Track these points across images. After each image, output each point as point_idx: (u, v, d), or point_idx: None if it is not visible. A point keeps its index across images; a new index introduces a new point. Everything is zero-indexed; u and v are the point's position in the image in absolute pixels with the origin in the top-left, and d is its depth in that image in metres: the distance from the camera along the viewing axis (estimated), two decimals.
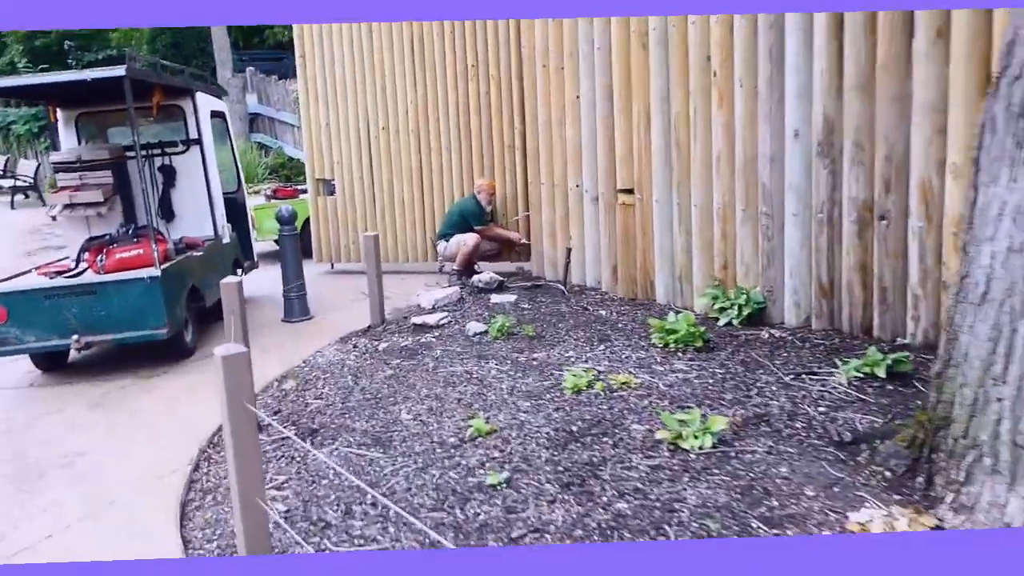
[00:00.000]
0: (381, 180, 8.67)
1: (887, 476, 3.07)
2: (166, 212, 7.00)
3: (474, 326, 5.69)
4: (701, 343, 4.84)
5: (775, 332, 5.03)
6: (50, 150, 14.71)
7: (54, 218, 6.72)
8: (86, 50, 19.01)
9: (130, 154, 6.58)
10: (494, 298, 6.61)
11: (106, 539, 3.33)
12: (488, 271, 7.31)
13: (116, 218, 6.63)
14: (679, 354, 4.74)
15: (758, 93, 5.14)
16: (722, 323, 5.31)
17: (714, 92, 5.44)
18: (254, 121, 17.54)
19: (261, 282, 8.07)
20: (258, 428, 2.74)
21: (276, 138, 16.90)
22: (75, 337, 5.56)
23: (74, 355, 6.11)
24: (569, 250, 6.91)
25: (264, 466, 3.28)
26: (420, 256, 8.67)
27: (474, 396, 4.27)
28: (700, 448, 3.30)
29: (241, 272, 7.63)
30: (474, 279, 7.16)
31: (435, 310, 6.44)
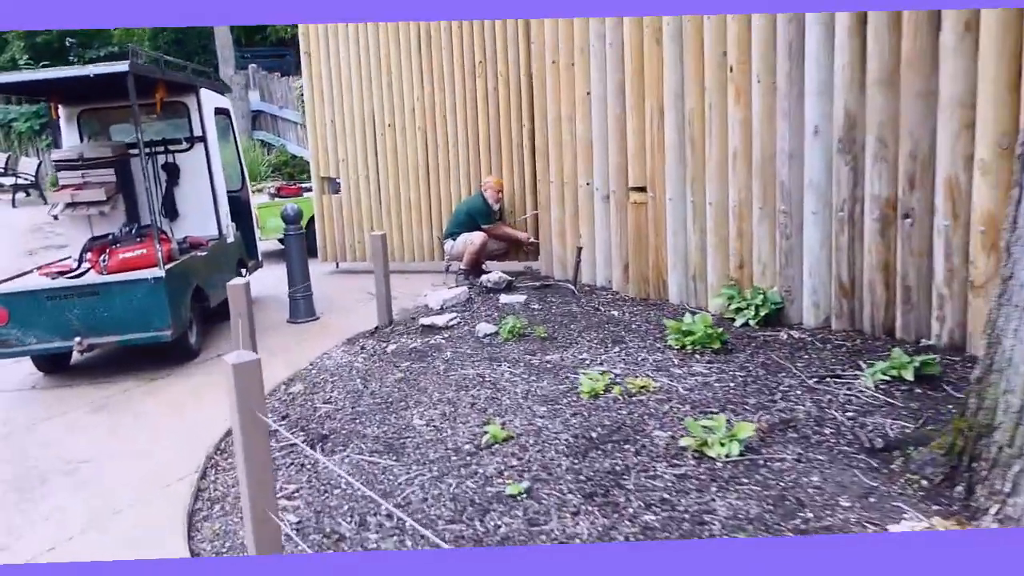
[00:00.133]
0: (387, 178, 8.54)
1: (923, 485, 2.95)
2: (170, 211, 6.86)
3: (484, 327, 5.57)
4: (719, 345, 4.72)
5: (794, 333, 4.91)
6: (51, 148, 14.64)
7: (56, 217, 6.60)
8: (88, 47, 18.90)
9: (133, 152, 6.46)
10: (503, 298, 6.48)
11: (111, 551, 3.21)
12: (496, 271, 7.19)
13: (119, 217, 6.51)
14: (697, 356, 4.62)
15: (776, 89, 5.03)
16: (738, 324, 5.20)
17: (731, 88, 5.33)
18: (256, 118, 17.40)
19: (266, 281, 7.95)
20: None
21: (279, 136, 16.75)
22: (77, 339, 5.45)
23: (76, 357, 5.99)
24: (580, 249, 6.78)
25: (273, 474, 3.15)
26: (426, 255, 8.54)
27: (488, 400, 4.14)
28: (727, 456, 3.18)
29: (245, 272, 7.51)
30: (482, 279, 7.04)
31: (444, 311, 6.31)
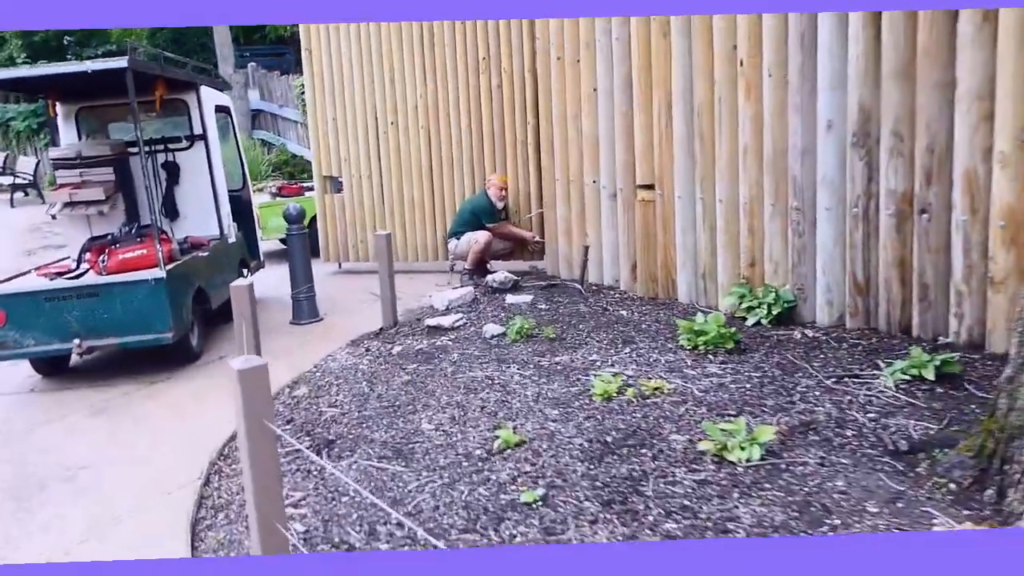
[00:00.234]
0: (390, 177, 8.42)
1: (952, 489, 2.85)
2: (170, 210, 6.75)
3: (491, 328, 5.47)
4: (732, 345, 4.62)
5: (808, 332, 4.81)
6: (50, 146, 14.51)
7: (54, 217, 6.50)
8: (86, 45, 18.78)
9: (132, 150, 6.36)
10: (509, 298, 6.38)
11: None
12: (502, 270, 7.09)
13: (118, 217, 6.40)
14: (710, 357, 4.52)
15: (788, 83, 4.93)
16: (750, 323, 5.10)
17: (741, 82, 5.23)
18: (256, 117, 17.29)
19: (268, 282, 7.84)
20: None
21: (279, 135, 16.64)
22: (77, 341, 5.34)
23: (75, 359, 5.88)
24: (587, 248, 6.68)
25: (280, 482, 3.05)
26: (430, 255, 8.43)
27: (498, 404, 4.04)
28: (748, 461, 3.07)
29: (248, 272, 7.41)
30: (488, 279, 6.94)
31: (449, 311, 6.21)
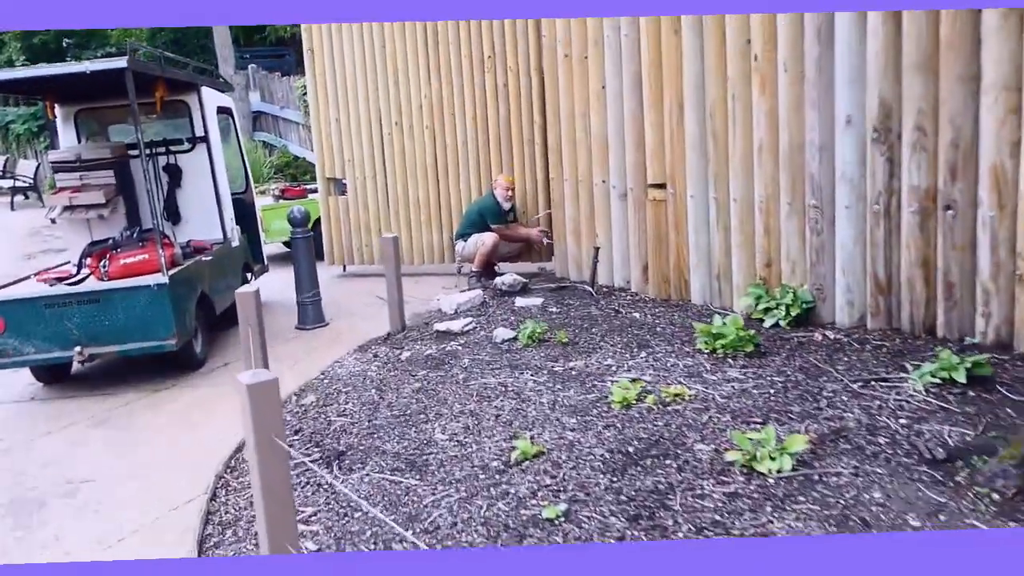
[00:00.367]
0: (395, 178, 8.29)
1: (995, 499, 2.72)
2: (172, 214, 6.63)
3: (502, 332, 5.34)
4: (752, 348, 4.49)
5: (829, 333, 4.68)
6: (49, 149, 14.40)
7: (53, 221, 6.38)
8: (85, 47, 18.67)
9: (133, 153, 6.23)
10: (519, 301, 6.25)
11: None
12: (510, 272, 6.95)
13: (119, 221, 6.28)
14: (730, 361, 4.39)
15: (805, 77, 4.80)
16: (768, 325, 4.97)
17: (755, 78, 5.09)
18: (257, 119, 17.19)
19: (272, 286, 7.71)
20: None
21: (280, 136, 16.54)
22: (77, 349, 5.22)
23: (77, 367, 5.76)
24: (597, 249, 6.55)
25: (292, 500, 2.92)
26: (436, 257, 8.31)
27: (513, 412, 3.91)
28: (779, 471, 2.94)
29: (251, 276, 7.28)
30: (496, 281, 6.81)
31: (458, 315, 6.08)
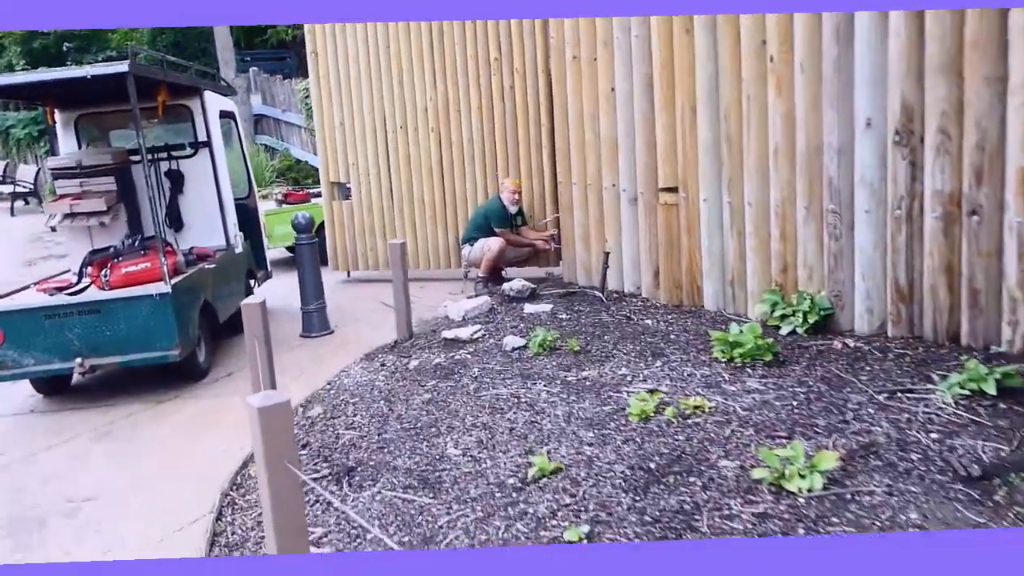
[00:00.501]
0: (400, 182, 8.17)
1: None
2: (174, 221, 6.50)
3: (511, 340, 5.22)
4: (771, 357, 4.37)
5: (849, 341, 4.56)
6: (49, 155, 14.31)
7: (54, 228, 6.27)
8: (86, 51, 18.56)
9: (135, 158, 6.11)
10: (528, 308, 6.13)
11: None
12: (518, 278, 6.82)
13: (120, 228, 6.16)
14: (748, 370, 4.27)
15: (823, 78, 4.68)
16: (785, 332, 4.85)
17: (771, 79, 4.97)
18: (259, 122, 17.10)
19: (276, 292, 7.58)
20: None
21: (282, 140, 16.43)
22: (78, 360, 5.11)
23: (78, 379, 5.64)
24: (607, 254, 6.43)
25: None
26: (442, 262, 8.18)
27: (527, 425, 3.79)
28: (809, 490, 2.82)
29: (255, 283, 7.17)
30: (504, 287, 6.68)
31: (466, 322, 5.96)
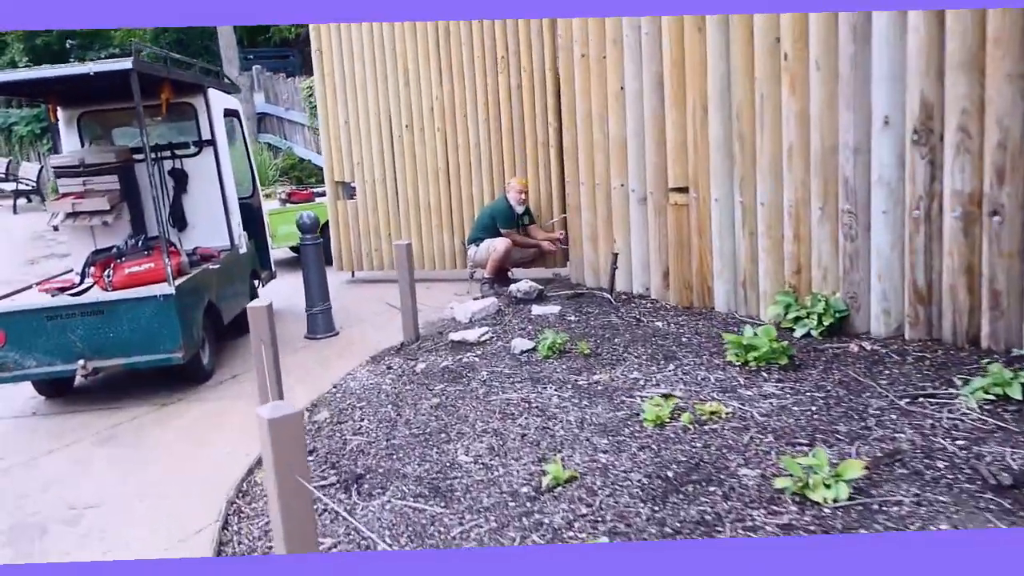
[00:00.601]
0: (405, 182, 8.08)
1: None
2: (178, 220, 6.42)
3: (520, 343, 5.13)
4: (786, 360, 4.28)
5: (865, 344, 4.47)
6: (51, 153, 14.24)
7: (56, 228, 6.19)
8: (88, 49, 18.50)
9: (138, 157, 6.03)
10: (535, 309, 6.05)
11: None
12: (525, 279, 6.73)
13: (123, 228, 6.07)
14: (764, 374, 4.18)
15: (839, 76, 4.59)
16: (799, 334, 4.76)
17: (785, 77, 4.88)
18: (262, 121, 17.02)
19: (280, 292, 7.50)
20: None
21: (285, 138, 16.34)
22: (81, 362, 5.02)
23: (80, 381, 5.56)
24: (616, 255, 6.34)
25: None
26: (448, 263, 8.10)
27: (539, 431, 3.70)
28: (835, 501, 2.73)
29: (259, 284, 7.08)
30: (511, 288, 6.59)
31: (473, 324, 5.88)
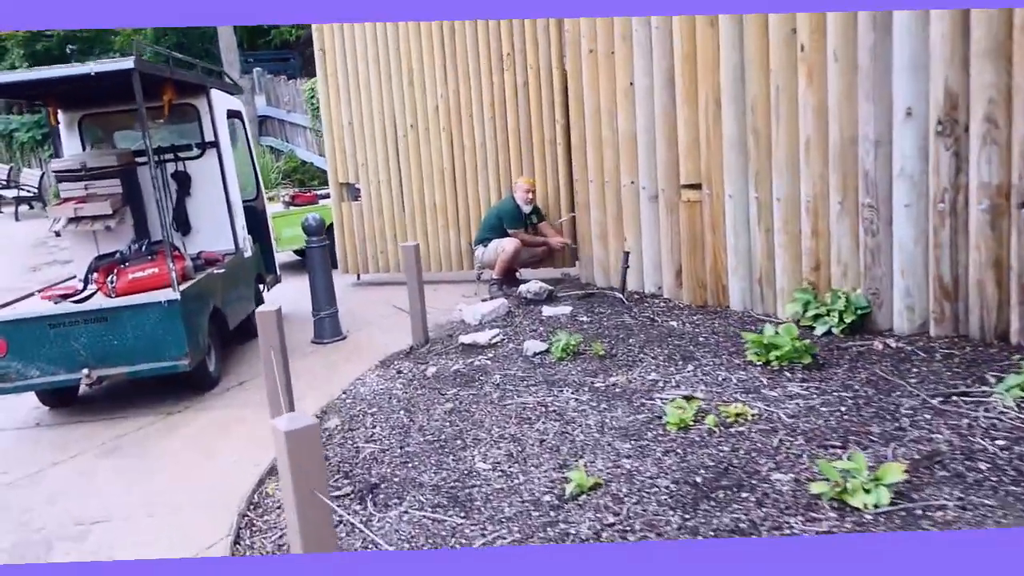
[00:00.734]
0: (410, 183, 7.96)
1: None
2: (182, 224, 6.29)
3: (532, 345, 5.02)
4: (810, 359, 4.16)
5: (890, 342, 4.35)
6: (52, 157, 14.15)
7: (58, 233, 6.07)
8: (88, 53, 18.41)
9: (140, 160, 5.92)
10: (546, 310, 5.93)
11: None
12: (535, 279, 6.60)
13: (126, 232, 5.95)
14: (787, 374, 4.06)
15: (858, 67, 4.47)
16: (819, 332, 4.64)
17: (801, 69, 4.77)
18: (263, 123, 16.92)
19: (285, 296, 7.37)
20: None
21: (287, 141, 16.25)
22: (85, 371, 4.91)
23: (84, 390, 5.44)
24: (627, 254, 6.22)
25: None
26: (454, 264, 7.97)
27: (558, 436, 3.58)
28: (875, 506, 2.61)
29: (264, 288, 6.97)
30: (521, 289, 6.47)
31: (483, 326, 5.75)
